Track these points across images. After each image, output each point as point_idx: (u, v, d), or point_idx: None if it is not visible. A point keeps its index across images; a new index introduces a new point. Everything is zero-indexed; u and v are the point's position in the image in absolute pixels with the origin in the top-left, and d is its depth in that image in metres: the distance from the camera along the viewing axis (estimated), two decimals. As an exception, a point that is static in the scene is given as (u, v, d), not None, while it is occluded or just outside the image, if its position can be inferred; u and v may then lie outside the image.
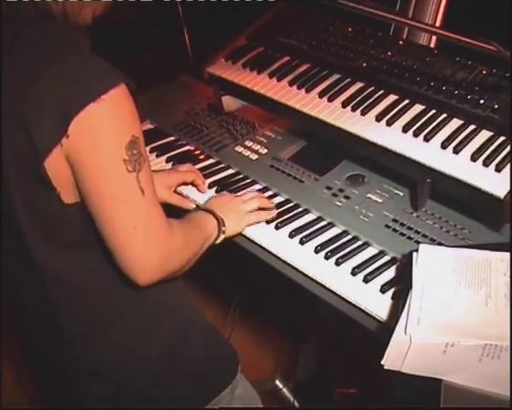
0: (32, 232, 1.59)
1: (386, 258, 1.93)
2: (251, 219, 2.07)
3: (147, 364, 1.81)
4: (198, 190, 2.27)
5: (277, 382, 3.10)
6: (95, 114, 1.41)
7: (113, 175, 1.47)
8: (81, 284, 1.68)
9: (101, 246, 1.59)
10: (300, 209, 2.15)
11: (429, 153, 1.94)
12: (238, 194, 2.14)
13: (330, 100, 2.20)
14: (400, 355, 1.44)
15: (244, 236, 2.08)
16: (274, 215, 2.11)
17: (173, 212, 1.88)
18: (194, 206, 2.22)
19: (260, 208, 2.11)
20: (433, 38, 2.31)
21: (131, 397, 1.83)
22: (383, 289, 1.80)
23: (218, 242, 1.96)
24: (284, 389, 3.09)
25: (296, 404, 3.03)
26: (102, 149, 1.44)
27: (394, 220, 2.03)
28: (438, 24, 2.27)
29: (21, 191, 1.54)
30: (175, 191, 2.25)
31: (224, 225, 1.96)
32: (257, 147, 2.48)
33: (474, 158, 1.88)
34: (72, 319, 1.73)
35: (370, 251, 1.97)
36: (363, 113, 2.11)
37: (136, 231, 1.51)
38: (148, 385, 1.82)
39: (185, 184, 2.28)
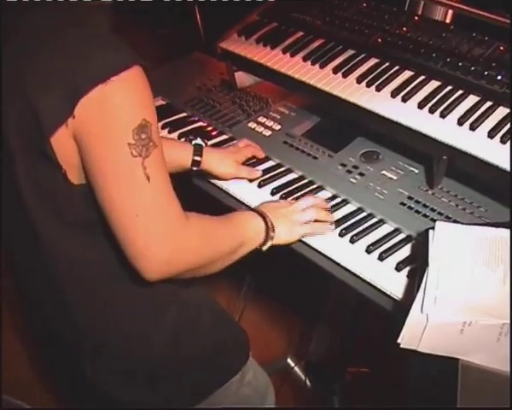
0: (37, 208, 1.57)
1: (402, 236, 1.92)
2: (304, 231, 1.93)
3: (151, 349, 1.79)
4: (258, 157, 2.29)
5: (289, 360, 3.10)
6: (103, 96, 1.37)
7: (117, 158, 1.43)
8: (84, 263, 1.66)
9: (106, 229, 1.56)
10: (314, 186, 2.14)
11: (445, 129, 1.92)
12: (295, 200, 2.04)
13: (345, 76, 2.17)
14: (417, 334, 1.43)
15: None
16: (332, 230, 1.95)
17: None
18: (260, 173, 2.20)
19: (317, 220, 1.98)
20: (449, 13, 2.29)
21: (135, 380, 1.82)
22: (398, 268, 1.79)
23: (264, 248, 1.86)
24: (296, 368, 3.09)
25: (308, 383, 3.03)
26: (108, 130, 1.41)
27: (409, 198, 2.02)
28: (454, -2, 2.25)
29: (27, 167, 1.51)
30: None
31: (273, 231, 1.85)
32: (270, 123, 2.46)
33: (491, 135, 1.85)
34: (76, 297, 1.71)
35: (385, 229, 1.95)
36: (379, 89, 2.09)
37: (138, 219, 1.46)
38: (151, 370, 1.81)
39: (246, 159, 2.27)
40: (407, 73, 2.13)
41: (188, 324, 1.85)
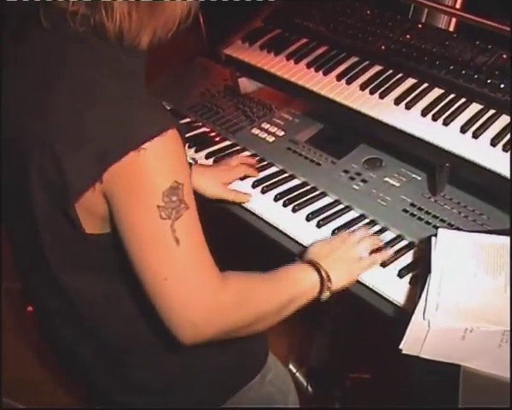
0: (50, 248, 1.56)
1: (404, 242, 1.92)
2: (364, 266, 1.83)
3: (165, 366, 1.78)
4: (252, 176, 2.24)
5: (291, 366, 3.09)
6: (134, 163, 1.32)
7: (145, 220, 1.37)
8: (99, 305, 1.65)
9: (120, 274, 1.57)
10: (317, 192, 2.14)
11: (448, 137, 1.93)
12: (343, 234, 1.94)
13: (348, 83, 2.18)
14: (419, 340, 1.44)
15: (262, 218, 2.09)
16: (390, 255, 1.88)
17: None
18: (250, 198, 2.14)
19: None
20: (453, 21, 2.29)
21: (150, 388, 1.80)
22: (401, 274, 1.80)
23: (323, 298, 1.75)
24: (297, 374, 3.09)
25: (309, 388, 3.02)
26: (138, 192, 1.36)
27: (412, 205, 2.02)
28: (458, 6, 2.25)
29: (46, 211, 1.49)
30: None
31: (329, 281, 1.74)
32: (273, 129, 2.46)
33: (493, 143, 1.86)
34: (93, 327, 1.70)
35: (388, 235, 1.96)
36: (382, 96, 2.09)
37: (166, 283, 1.39)
38: (164, 384, 1.79)
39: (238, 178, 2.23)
40: (410, 81, 2.13)
41: None
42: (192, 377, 1.82)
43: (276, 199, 2.12)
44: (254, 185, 2.19)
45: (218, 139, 2.48)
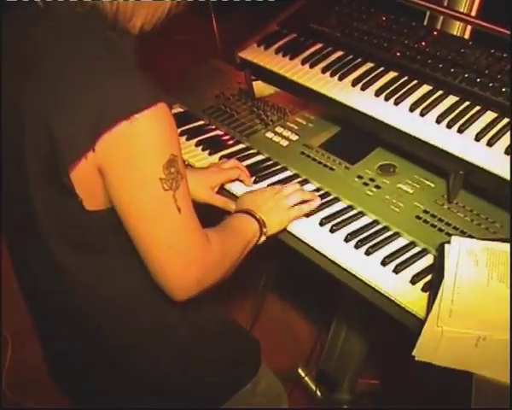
0: (48, 228, 1.57)
1: (417, 249, 1.93)
2: (293, 215, 2.00)
3: (161, 368, 1.80)
4: (244, 183, 2.22)
5: (300, 370, 3.10)
6: (126, 133, 1.36)
7: (148, 194, 1.44)
8: (95, 285, 1.67)
9: (119, 253, 1.61)
10: (331, 197, 2.14)
11: (463, 145, 1.93)
12: (276, 187, 2.07)
13: (363, 88, 2.18)
14: (431, 347, 1.44)
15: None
16: (316, 205, 2.05)
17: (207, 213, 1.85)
18: (234, 207, 2.12)
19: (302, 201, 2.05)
20: (468, 29, 2.30)
21: (142, 392, 1.82)
22: (414, 281, 1.80)
23: (260, 242, 1.93)
24: (306, 378, 3.09)
25: (318, 393, 3.03)
26: (138, 167, 1.41)
27: (425, 212, 2.03)
28: (473, 13, 2.25)
29: (41, 189, 1.51)
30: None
31: (265, 226, 1.92)
32: (288, 133, 2.46)
33: (508, 151, 1.86)
34: (94, 320, 1.73)
35: (401, 242, 1.96)
36: (397, 102, 2.09)
37: (172, 250, 1.50)
38: (159, 386, 1.81)
39: (230, 181, 2.23)
40: (425, 88, 2.13)
41: (197, 342, 1.85)
42: (186, 384, 1.86)
43: (290, 202, 2.11)
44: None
45: (231, 142, 2.49)
